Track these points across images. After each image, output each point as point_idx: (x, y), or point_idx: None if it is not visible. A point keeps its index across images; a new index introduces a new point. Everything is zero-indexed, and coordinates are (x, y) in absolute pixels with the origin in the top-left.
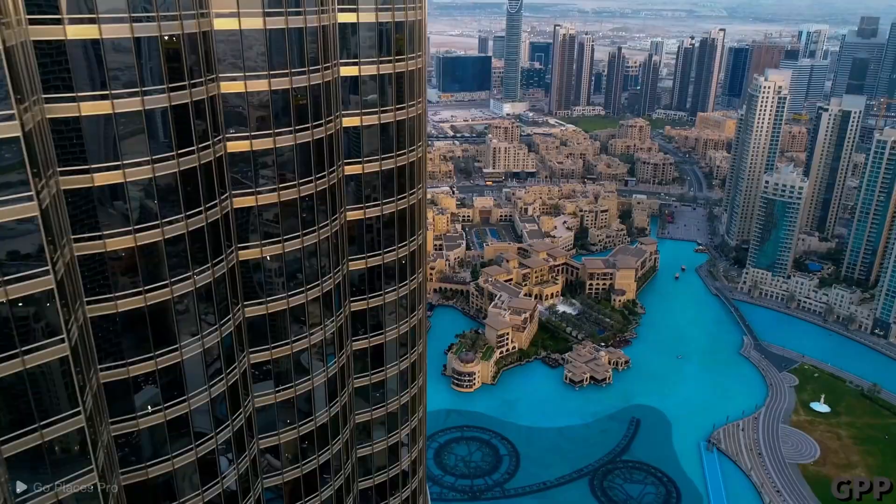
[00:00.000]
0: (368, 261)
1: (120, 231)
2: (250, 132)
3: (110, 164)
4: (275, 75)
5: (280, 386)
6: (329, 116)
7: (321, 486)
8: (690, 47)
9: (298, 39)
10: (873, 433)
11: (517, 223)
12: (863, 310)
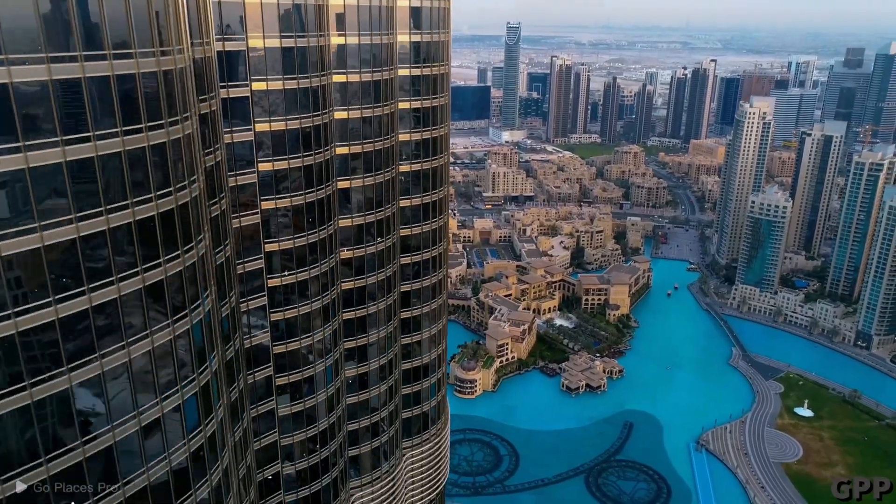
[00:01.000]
0: (412, 257)
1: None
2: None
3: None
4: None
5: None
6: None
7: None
8: (683, 77)
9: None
10: (853, 435)
11: (516, 243)
12: (846, 323)
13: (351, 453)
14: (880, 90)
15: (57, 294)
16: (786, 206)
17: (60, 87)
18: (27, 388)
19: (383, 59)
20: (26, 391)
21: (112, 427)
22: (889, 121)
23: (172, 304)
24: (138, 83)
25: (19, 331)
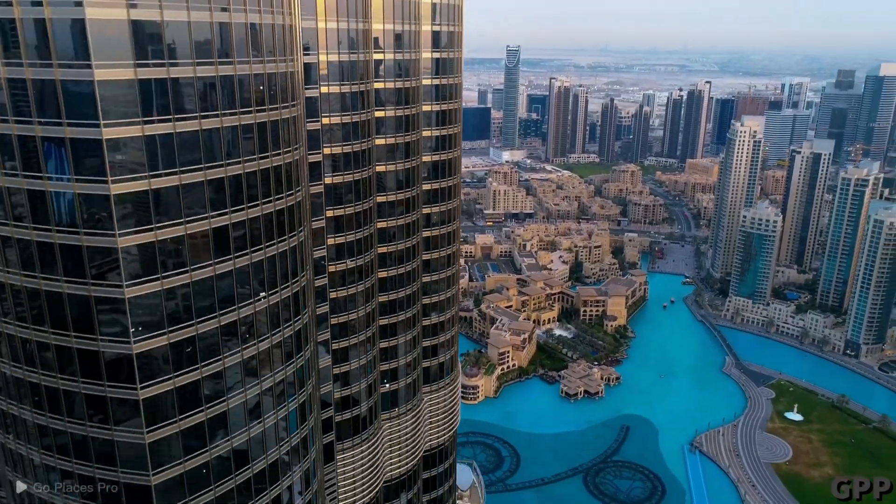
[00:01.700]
0: (431, 231)
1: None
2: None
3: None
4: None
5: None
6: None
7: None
8: (679, 99)
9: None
10: (841, 437)
11: (516, 258)
12: (835, 333)
13: (382, 390)
14: (871, 111)
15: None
16: (776, 221)
17: (223, 81)
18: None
19: (411, 71)
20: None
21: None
22: (880, 140)
23: (291, 269)
24: (279, 79)
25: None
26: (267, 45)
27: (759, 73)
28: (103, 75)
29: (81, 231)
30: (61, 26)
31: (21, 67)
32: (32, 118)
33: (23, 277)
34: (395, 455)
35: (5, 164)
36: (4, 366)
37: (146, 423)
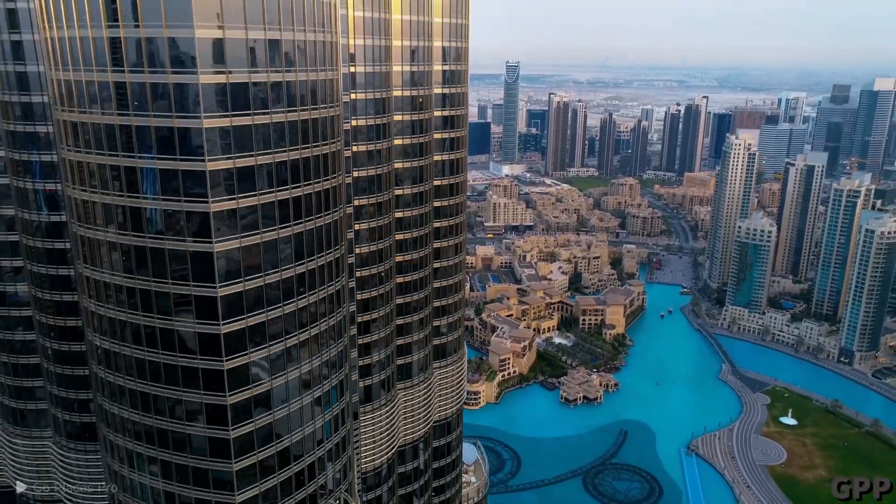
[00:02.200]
0: (441, 222)
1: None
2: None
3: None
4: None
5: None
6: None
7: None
8: (677, 113)
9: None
10: (834, 441)
11: (516, 269)
12: (830, 340)
13: (398, 362)
14: (866, 125)
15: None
16: (770, 231)
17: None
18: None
19: (425, 82)
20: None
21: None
22: (875, 154)
23: (333, 239)
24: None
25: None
26: (312, 57)
27: (757, 88)
28: (205, 79)
29: (183, 199)
30: (174, 41)
31: (143, 74)
32: (149, 112)
33: (133, 237)
34: (408, 422)
35: (141, 147)
36: (123, 312)
37: (226, 352)
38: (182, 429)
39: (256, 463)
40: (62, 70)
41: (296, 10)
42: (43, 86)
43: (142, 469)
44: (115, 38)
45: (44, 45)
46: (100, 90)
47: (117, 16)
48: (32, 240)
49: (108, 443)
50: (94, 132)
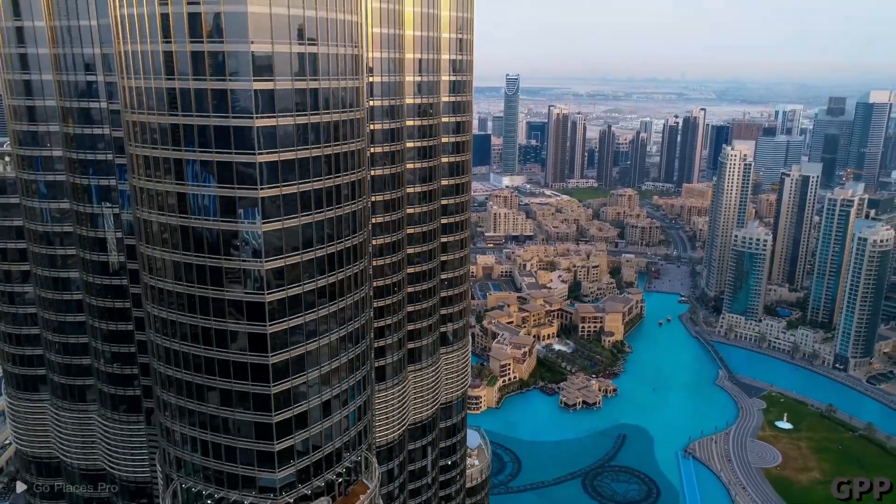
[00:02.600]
0: (448, 219)
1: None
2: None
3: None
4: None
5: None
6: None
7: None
8: (675, 125)
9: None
10: (829, 444)
11: (517, 277)
12: (825, 347)
13: (409, 346)
14: (861, 136)
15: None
16: (766, 239)
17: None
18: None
19: (434, 91)
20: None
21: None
22: (871, 165)
23: (361, 223)
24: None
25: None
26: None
27: (755, 101)
28: (257, 86)
29: (236, 186)
30: (235, 56)
31: (205, 81)
32: (210, 112)
33: (194, 221)
34: (418, 402)
35: (201, 142)
36: (178, 284)
37: (269, 318)
38: (230, 386)
39: (292, 417)
40: (133, 79)
41: (330, 29)
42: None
43: (192, 422)
44: (184, 51)
45: (117, 57)
46: (168, 95)
47: (187, 32)
48: (85, 230)
49: (161, 402)
50: (161, 130)
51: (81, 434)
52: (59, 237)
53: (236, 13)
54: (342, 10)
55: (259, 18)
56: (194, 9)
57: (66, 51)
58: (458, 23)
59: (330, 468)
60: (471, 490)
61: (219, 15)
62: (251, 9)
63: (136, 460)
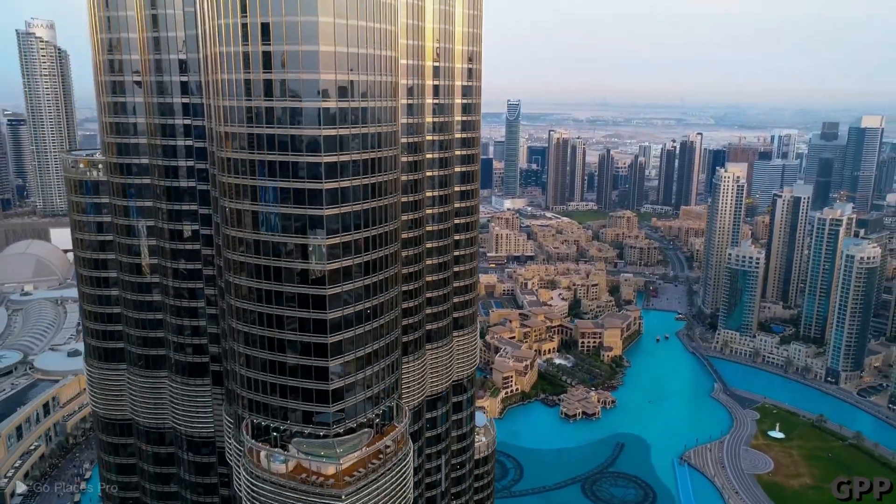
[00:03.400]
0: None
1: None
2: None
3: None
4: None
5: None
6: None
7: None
8: (672, 149)
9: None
10: (819, 452)
11: (518, 295)
12: (817, 361)
13: (427, 327)
14: (854, 160)
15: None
16: (758, 257)
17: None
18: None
19: (447, 112)
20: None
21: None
22: (865, 188)
23: (395, 213)
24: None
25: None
26: (382, 92)
27: (754, 126)
28: (324, 104)
29: (305, 180)
30: (306, 82)
31: (284, 101)
32: (288, 125)
33: (266, 207)
34: (434, 377)
35: (280, 148)
36: (252, 256)
37: (328, 282)
38: (297, 338)
39: (343, 364)
40: (226, 99)
41: (375, 62)
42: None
43: (264, 369)
44: (269, 79)
45: (211, 85)
46: (256, 111)
47: (271, 65)
48: (164, 223)
49: (237, 354)
50: (249, 138)
51: (153, 397)
52: (141, 230)
53: (311, 51)
54: (382, 48)
55: (326, 56)
56: (279, 47)
57: (154, 78)
58: (468, 56)
59: (370, 408)
60: (479, 461)
61: (296, 53)
62: (322, 48)
63: (201, 417)
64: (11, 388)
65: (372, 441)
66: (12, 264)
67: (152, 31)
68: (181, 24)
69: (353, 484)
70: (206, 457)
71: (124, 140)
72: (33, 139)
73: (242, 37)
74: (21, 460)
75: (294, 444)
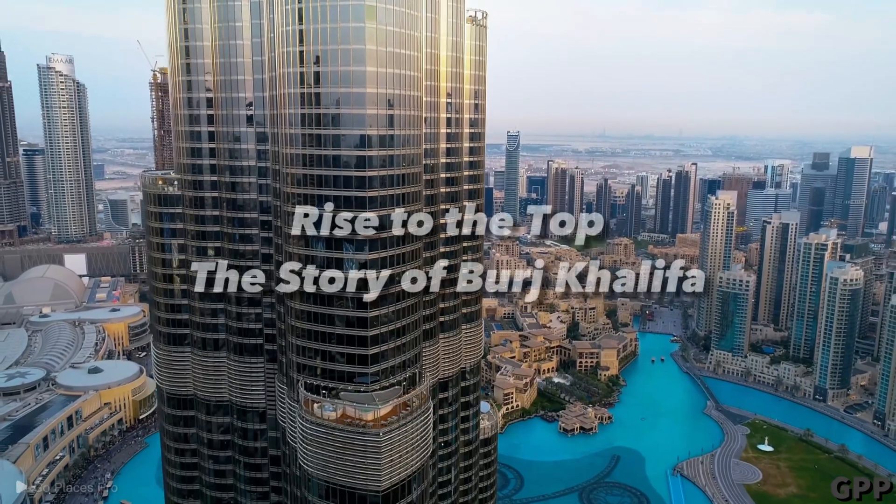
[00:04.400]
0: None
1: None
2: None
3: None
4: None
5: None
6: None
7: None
8: (668, 179)
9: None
10: (806, 464)
11: (518, 318)
12: (806, 380)
13: (441, 319)
14: (845, 189)
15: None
16: (748, 280)
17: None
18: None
19: (457, 139)
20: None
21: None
22: (856, 216)
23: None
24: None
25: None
26: (409, 123)
27: (751, 157)
28: (370, 132)
29: (353, 189)
30: (354, 116)
31: (339, 130)
32: (341, 149)
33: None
34: (445, 362)
35: (334, 165)
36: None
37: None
38: (344, 313)
39: (379, 334)
40: (288, 128)
41: (405, 100)
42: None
43: (316, 338)
44: (328, 114)
45: (277, 117)
46: (316, 138)
47: (316, 101)
48: (231, 229)
49: (294, 329)
50: (314, 158)
51: (215, 375)
52: (210, 235)
53: (358, 93)
54: (410, 89)
55: (371, 95)
56: (332, 90)
57: (224, 112)
58: (475, 94)
59: (398, 372)
60: (484, 441)
61: (346, 95)
62: (368, 90)
63: (255, 391)
64: (36, 402)
65: (401, 396)
66: (31, 288)
67: (221, 76)
68: (249, 69)
69: (388, 426)
70: (258, 424)
71: (196, 161)
72: (50, 169)
73: (300, 78)
74: (48, 468)
75: (341, 397)
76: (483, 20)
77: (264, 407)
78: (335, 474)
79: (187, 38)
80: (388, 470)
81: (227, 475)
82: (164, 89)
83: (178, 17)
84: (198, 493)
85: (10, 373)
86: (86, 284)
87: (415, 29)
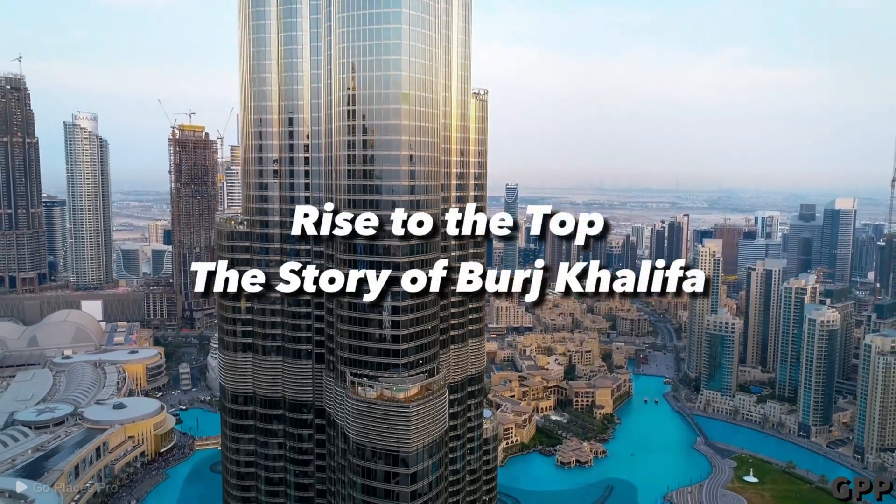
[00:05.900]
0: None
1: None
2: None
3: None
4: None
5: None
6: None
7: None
8: (662, 230)
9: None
10: (788, 494)
11: (517, 361)
12: (790, 418)
13: (451, 333)
14: (832, 239)
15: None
16: (733, 323)
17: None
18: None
19: (466, 188)
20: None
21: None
22: (843, 265)
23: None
24: (435, 187)
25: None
26: (430, 176)
27: (746, 209)
28: (399, 182)
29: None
30: (390, 171)
31: (373, 180)
32: (374, 196)
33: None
34: (454, 368)
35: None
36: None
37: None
38: (379, 317)
39: (408, 334)
40: (331, 168)
41: (428, 160)
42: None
43: (361, 337)
44: (371, 169)
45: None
46: (348, 188)
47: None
48: (282, 257)
49: (344, 332)
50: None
51: (271, 375)
52: (271, 264)
53: (393, 141)
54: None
55: (403, 144)
56: (371, 151)
57: (285, 168)
58: (478, 149)
59: (422, 365)
60: (486, 440)
61: (383, 153)
62: (402, 152)
63: (304, 388)
64: (66, 434)
65: (424, 382)
66: (54, 331)
67: (286, 130)
68: (308, 122)
69: (415, 402)
70: (306, 415)
71: (262, 206)
72: (72, 219)
73: (350, 143)
74: (79, 495)
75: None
76: (484, 96)
77: (312, 401)
78: (375, 440)
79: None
80: (416, 435)
81: (279, 458)
82: (182, 145)
83: (251, 84)
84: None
85: (40, 408)
86: (103, 329)
87: (435, 107)
